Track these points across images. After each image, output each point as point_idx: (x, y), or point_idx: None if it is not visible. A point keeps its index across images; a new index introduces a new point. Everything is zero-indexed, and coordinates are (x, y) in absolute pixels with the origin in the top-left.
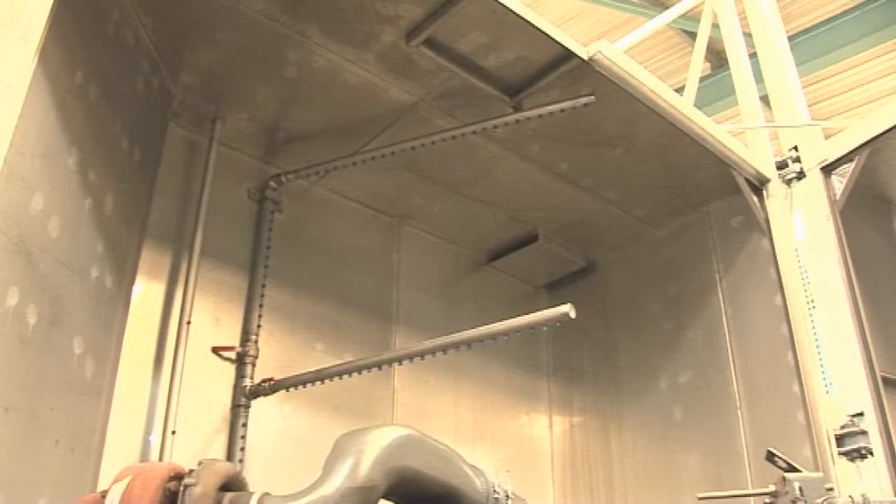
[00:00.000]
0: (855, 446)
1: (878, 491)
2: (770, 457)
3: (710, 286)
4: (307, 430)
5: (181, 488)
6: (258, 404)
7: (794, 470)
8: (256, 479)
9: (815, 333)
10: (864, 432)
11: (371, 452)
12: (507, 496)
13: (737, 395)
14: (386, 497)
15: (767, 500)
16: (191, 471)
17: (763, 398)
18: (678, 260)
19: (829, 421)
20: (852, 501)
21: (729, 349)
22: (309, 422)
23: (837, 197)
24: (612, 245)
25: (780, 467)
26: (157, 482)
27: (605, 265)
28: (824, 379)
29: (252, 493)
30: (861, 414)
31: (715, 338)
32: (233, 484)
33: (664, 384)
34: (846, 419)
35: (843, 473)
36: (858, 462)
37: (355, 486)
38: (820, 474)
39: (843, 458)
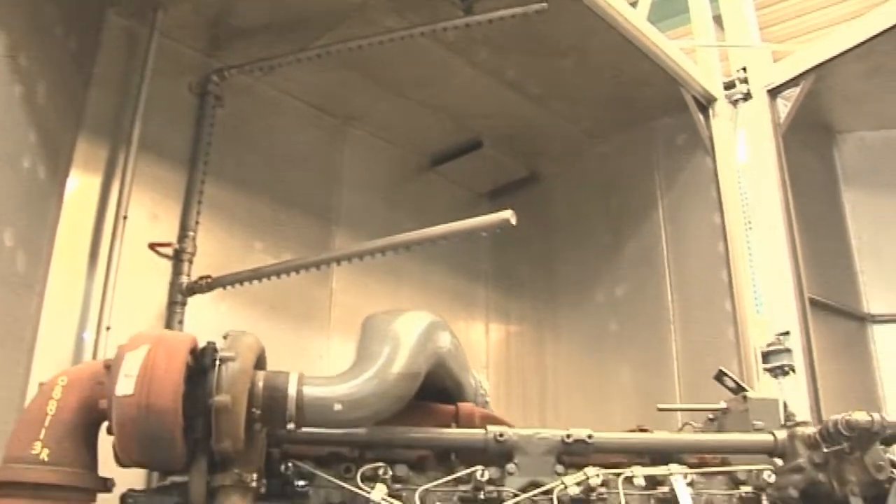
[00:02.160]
0: (779, 363)
1: (797, 407)
2: (720, 376)
3: (651, 202)
4: (244, 329)
5: (216, 362)
6: (195, 302)
7: (743, 390)
8: None
9: (750, 253)
10: (788, 350)
11: (410, 337)
12: (486, 394)
13: (671, 310)
14: None
15: (711, 416)
16: (209, 343)
17: (696, 314)
18: (621, 175)
19: (757, 338)
20: (871, 419)
21: (666, 265)
22: (246, 320)
23: (781, 120)
24: (557, 156)
25: (728, 387)
26: (183, 354)
27: (549, 176)
28: (755, 298)
29: (288, 373)
30: (787, 333)
31: (653, 253)
32: (260, 360)
33: (601, 296)
34: (773, 337)
35: (766, 388)
36: (781, 378)
37: (404, 371)
38: (778, 397)
39: (768, 375)
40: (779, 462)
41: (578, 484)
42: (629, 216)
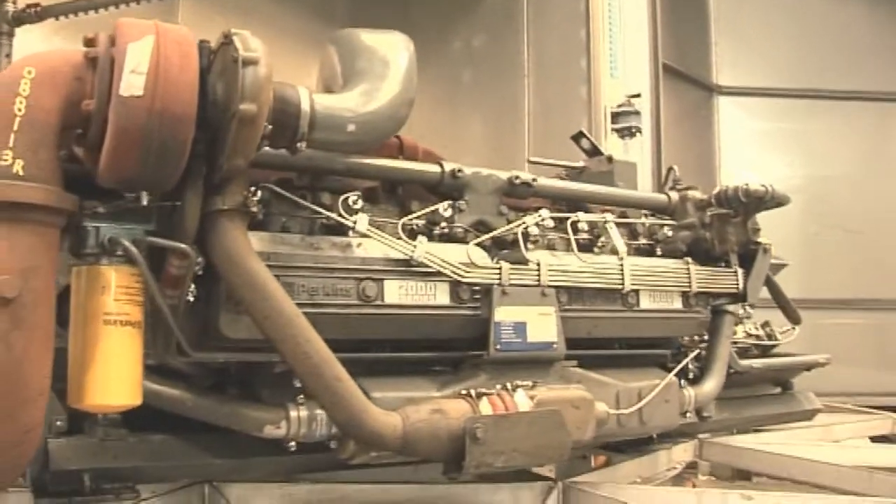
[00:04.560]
0: (627, 125)
1: (640, 169)
2: (578, 136)
3: None
4: None
5: (236, 62)
6: (24, 35)
7: (599, 153)
8: None
9: (610, 13)
10: (637, 113)
11: (402, 59)
12: None
13: (526, 65)
14: None
15: (565, 173)
16: (203, 42)
17: (551, 70)
18: None
19: (609, 99)
20: (765, 189)
21: (525, 18)
22: None
23: None
24: None
25: (583, 148)
26: (195, 49)
27: None
28: (611, 59)
29: (296, 86)
30: (638, 95)
31: (512, 5)
32: None
33: (457, 46)
34: (624, 99)
35: (612, 147)
36: (628, 139)
37: (406, 95)
38: (634, 161)
39: (615, 135)
40: None
41: (536, 224)
42: None
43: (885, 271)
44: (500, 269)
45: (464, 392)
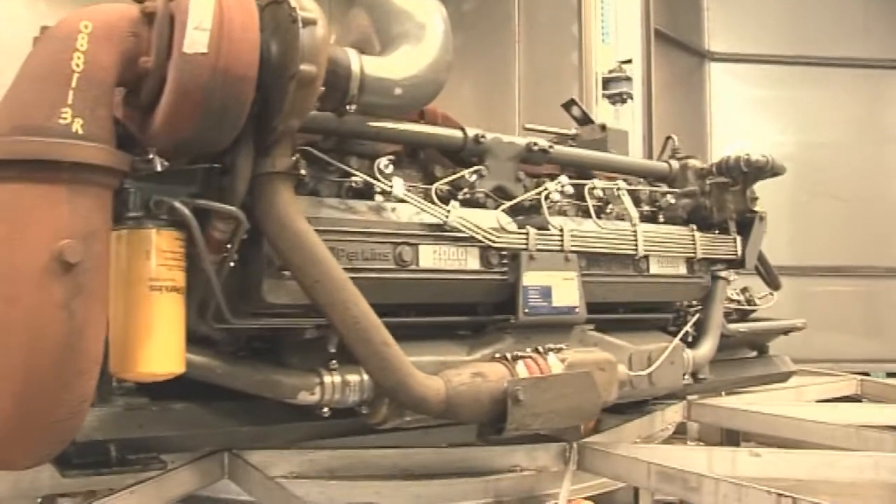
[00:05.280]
0: (618, 91)
1: (632, 134)
2: (569, 104)
3: None
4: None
5: (294, 22)
6: (8, 2)
7: (590, 121)
8: None
9: None
10: (628, 79)
11: (438, 22)
12: None
13: (517, 30)
14: None
15: (557, 140)
16: None
17: (541, 36)
18: None
19: (600, 65)
20: (766, 160)
21: None
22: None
23: None
24: None
25: (574, 116)
26: (255, 7)
27: None
28: (602, 25)
29: (345, 48)
30: (629, 61)
31: None
32: None
33: (447, 10)
34: (615, 65)
35: (603, 114)
36: (619, 105)
37: (446, 59)
38: (626, 129)
39: (606, 101)
40: None
41: (557, 191)
42: None
43: (875, 239)
44: (527, 234)
45: (498, 355)
